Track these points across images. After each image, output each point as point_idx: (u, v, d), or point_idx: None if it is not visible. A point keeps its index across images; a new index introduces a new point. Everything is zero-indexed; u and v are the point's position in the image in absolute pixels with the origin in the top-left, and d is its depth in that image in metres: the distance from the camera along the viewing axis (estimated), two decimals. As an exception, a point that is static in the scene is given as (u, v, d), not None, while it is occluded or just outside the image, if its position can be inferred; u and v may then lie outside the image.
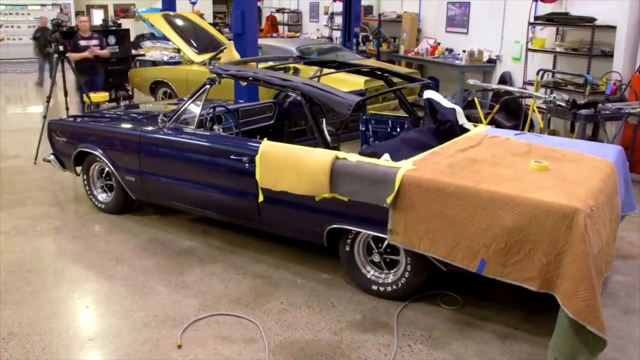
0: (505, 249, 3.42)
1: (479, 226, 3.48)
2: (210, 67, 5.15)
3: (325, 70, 6.26)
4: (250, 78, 4.96)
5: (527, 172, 3.81)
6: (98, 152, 5.56)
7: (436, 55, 11.53)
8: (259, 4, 18.78)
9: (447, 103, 5.17)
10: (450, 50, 11.38)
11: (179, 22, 11.09)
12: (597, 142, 5.44)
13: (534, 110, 7.77)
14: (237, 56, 5.94)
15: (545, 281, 3.34)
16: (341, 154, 4.07)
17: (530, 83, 9.12)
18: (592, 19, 8.17)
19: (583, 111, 6.94)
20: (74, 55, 8.72)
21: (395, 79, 5.92)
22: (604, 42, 8.21)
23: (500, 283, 3.53)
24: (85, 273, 4.61)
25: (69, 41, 8.30)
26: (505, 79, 10.14)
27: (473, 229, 3.50)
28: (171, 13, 11.60)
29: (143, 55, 12.69)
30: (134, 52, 12.45)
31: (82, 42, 9.26)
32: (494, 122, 8.35)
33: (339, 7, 14.26)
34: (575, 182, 3.63)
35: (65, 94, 7.96)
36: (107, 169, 5.68)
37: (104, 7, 22.98)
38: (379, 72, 5.86)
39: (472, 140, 4.54)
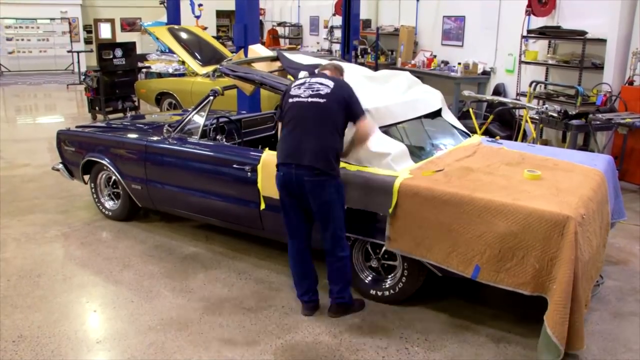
0: (499, 255, 3.44)
1: (473, 233, 3.50)
2: (219, 66, 5.10)
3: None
4: (257, 81, 4.84)
5: (521, 181, 3.83)
6: (105, 161, 5.58)
7: (432, 68, 11.58)
8: (260, 17, 18.85)
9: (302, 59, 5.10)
10: (446, 63, 11.41)
11: (184, 35, 11.16)
12: (588, 152, 5.47)
13: (527, 121, 7.79)
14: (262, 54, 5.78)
15: (537, 286, 3.36)
16: (340, 164, 4.08)
17: (523, 94, 9.15)
18: (583, 33, 8.21)
19: (574, 121, 6.98)
20: None
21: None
22: (594, 55, 8.25)
23: (494, 287, 3.55)
24: (93, 278, 4.63)
25: None
26: (499, 90, 10.17)
27: (468, 236, 3.53)
28: (176, 26, 11.69)
29: (149, 67, 12.74)
30: (139, 64, 12.50)
31: None
32: (488, 132, 8.39)
33: (338, 20, 14.32)
34: (567, 191, 3.65)
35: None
36: (114, 177, 5.71)
37: (111, 21, 23.15)
38: None
39: (467, 150, 4.57)
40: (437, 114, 5.06)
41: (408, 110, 4.66)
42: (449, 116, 5.16)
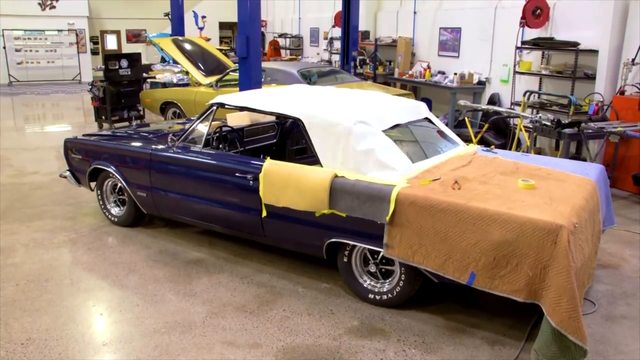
0: (494, 262, 3.46)
1: (469, 241, 3.52)
2: (213, 102, 5.18)
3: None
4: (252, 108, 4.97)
5: (515, 190, 3.84)
6: (111, 169, 5.61)
7: (429, 78, 11.62)
8: (262, 29, 18.92)
9: None
10: (442, 73, 11.47)
11: (188, 46, 11.21)
12: (581, 161, 5.49)
13: (521, 129, 7.83)
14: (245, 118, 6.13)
15: (531, 293, 3.38)
16: (340, 172, 4.12)
17: (518, 104, 9.20)
18: (576, 44, 8.27)
19: (567, 130, 7.01)
20: None
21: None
22: (586, 65, 8.29)
23: (489, 292, 3.57)
24: (100, 282, 4.65)
25: None
26: (494, 100, 10.22)
27: (464, 244, 3.55)
28: (180, 38, 11.73)
29: (154, 77, 12.79)
30: (145, 74, 12.54)
31: None
32: (483, 141, 8.42)
33: (338, 32, 14.39)
34: (560, 200, 3.67)
35: None
36: (119, 184, 5.73)
37: (117, 32, 23.25)
38: None
39: (463, 159, 4.60)
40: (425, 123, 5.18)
41: (398, 116, 4.76)
42: (438, 123, 5.25)
